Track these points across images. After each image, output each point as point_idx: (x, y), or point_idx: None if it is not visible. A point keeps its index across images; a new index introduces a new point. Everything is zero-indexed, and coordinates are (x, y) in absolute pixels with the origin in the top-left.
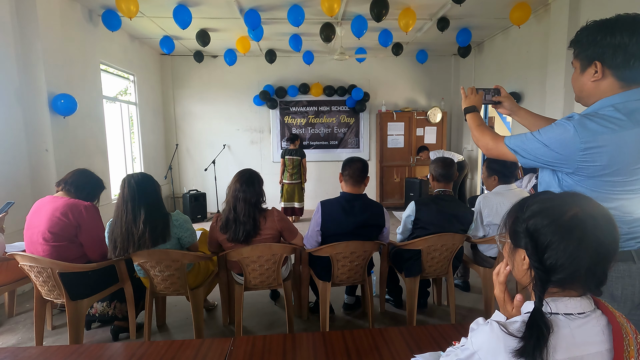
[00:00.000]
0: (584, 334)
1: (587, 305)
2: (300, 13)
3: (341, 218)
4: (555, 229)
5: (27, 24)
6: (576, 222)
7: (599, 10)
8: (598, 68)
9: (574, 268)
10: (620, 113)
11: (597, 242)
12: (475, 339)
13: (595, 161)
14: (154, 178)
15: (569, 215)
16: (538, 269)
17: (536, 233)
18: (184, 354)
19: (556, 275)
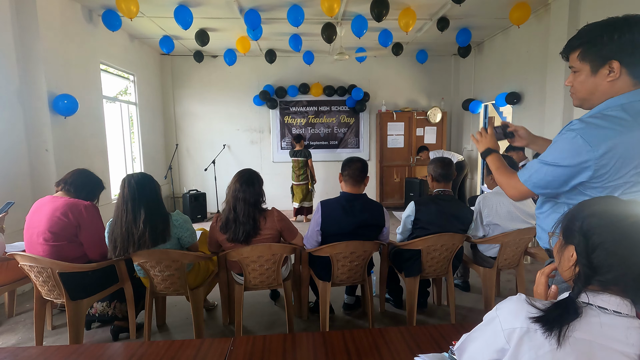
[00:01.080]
0: (613, 329)
1: (626, 308)
2: (300, 13)
3: (341, 218)
4: (612, 230)
5: (27, 24)
6: (634, 229)
7: (599, 10)
8: (615, 67)
9: (621, 272)
10: (627, 114)
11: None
12: (500, 306)
13: (609, 165)
14: (154, 178)
15: (630, 221)
16: (585, 265)
17: (590, 232)
18: (184, 354)
19: (601, 275)
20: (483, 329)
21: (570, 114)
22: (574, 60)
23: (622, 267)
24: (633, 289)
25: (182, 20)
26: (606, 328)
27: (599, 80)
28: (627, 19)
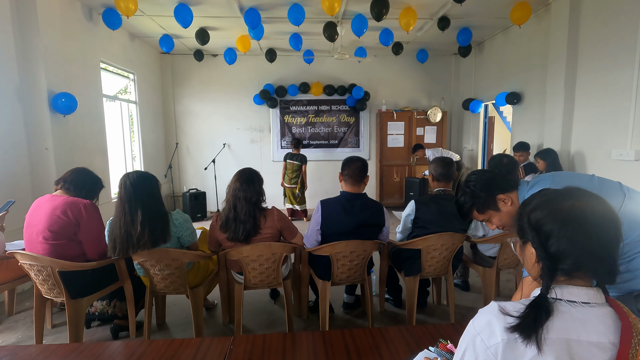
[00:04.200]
0: (585, 322)
1: (595, 296)
2: (301, 12)
3: (341, 217)
4: (554, 217)
5: (27, 22)
6: (574, 210)
7: (599, 10)
8: (502, 197)
9: (576, 254)
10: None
11: (596, 228)
12: (476, 323)
13: None
14: (153, 175)
15: (567, 205)
16: (544, 258)
17: (538, 224)
18: (183, 352)
19: (561, 263)
20: (471, 352)
21: (571, 114)
22: (479, 215)
23: (575, 248)
24: (593, 268)
25: (182, 18)
26: (578, 323)
27: (505, 210)
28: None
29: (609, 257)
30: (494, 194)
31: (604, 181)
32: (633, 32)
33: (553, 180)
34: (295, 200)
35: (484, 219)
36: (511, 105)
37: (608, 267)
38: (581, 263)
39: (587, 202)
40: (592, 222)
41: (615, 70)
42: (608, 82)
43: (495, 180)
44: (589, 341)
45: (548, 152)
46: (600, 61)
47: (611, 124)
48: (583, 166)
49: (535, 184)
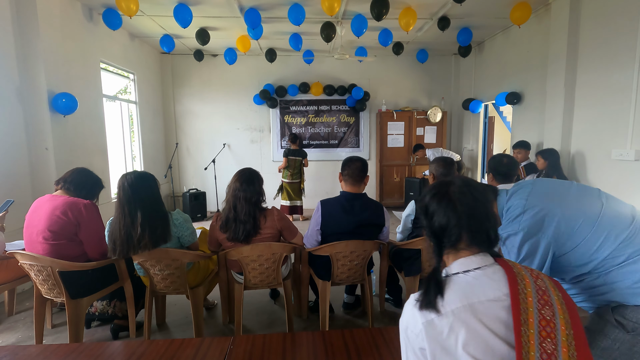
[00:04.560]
0: (481, 284)
1: (483, 260)
2: (301, 12)
3: (341, 217)
4: (433, 197)
5: (27, 22)
6: (449, 190)
7: (599, 10)
8: None
9: (452, 225)
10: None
11: (465, 205)
12: (403, 318)
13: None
14: (152, 174)
15: (445, 187)
16: (431, 236)
17: (425, 207)
18: (183, 352)
19: (445, 237)
20: (409, 347)
21: (571, 114)
22: None
23: (451, 221)
24: (470, 238)
25: (181, 19)
26: (474, 286)
27: None
28: None
29: (482, 229)
30: None
31: (583, 187)
32: (633, 32)
33: (533, 187)
34: (298, 196)
35: None
36: (511, 105)
37: (483, 238)
38: (460, 235)
39: (461, 186)
40: (462, 200)
41: (615, 70)
42: (608, 82)
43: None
44: (487, 299)
45: (551, 152)
46: (600, 61)
47: (611, 124)
48: (583, 166)
49: (515, 192)
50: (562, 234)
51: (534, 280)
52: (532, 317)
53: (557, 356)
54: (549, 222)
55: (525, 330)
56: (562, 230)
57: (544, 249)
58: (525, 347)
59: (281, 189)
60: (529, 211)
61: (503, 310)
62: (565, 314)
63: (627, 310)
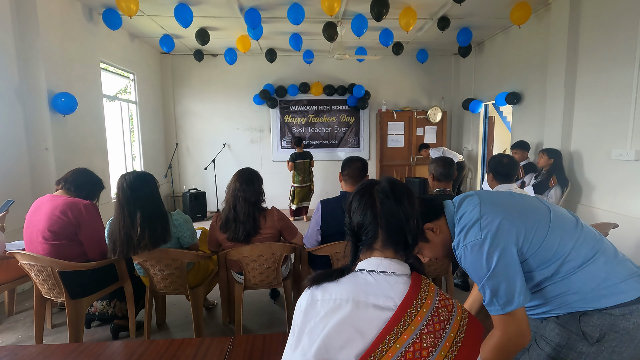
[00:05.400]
0: (377, 286)
1: (394, 267)
2: (301, 12)
3: (341, 217)
4: (356, 195)
5: (27, 22)
6: (373, 190)
7: (599, 10)
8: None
9: (369, 223)
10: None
11: (388, 205)
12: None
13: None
14: (151, 174)
15: (370, 187)
16: (350, 235)
17: (349, 205)
18: (183, 352)
19: (362, 235)
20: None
21: (571, 114)
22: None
23: (367, 220)
24: (388, 235)
25: (182, 19)
26: (370, 286)
27: (434, 239)
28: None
29: (399, 231)
30: (418, 228)
31: (522, 195)
32: (633, 32)
33: (479, 196)
34: (308, 198)
35: (417, 253)
36: (511, 105)
37: (399, 239)
38: (376, 233)
39: (385, 187)
40: (383, 200)
41: (615, 70)
42: (608, 82)
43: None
44: (373, 303)
45: (556, 152)
46: (600, 61)
47: (611, 124)
48: (583, 166)
49: (463, 200)
50: (522, 238)
51: (437, 307)
52: (407, 335)
53: None
54: (509, 226)
55: (392, 340)
56: (522, 234)
57: (513, 253)
58: (379, 354)
59: (294, 194)
60: (487, 216)
61: (381, 321)
62: (452, 354)
63: (594, 318)
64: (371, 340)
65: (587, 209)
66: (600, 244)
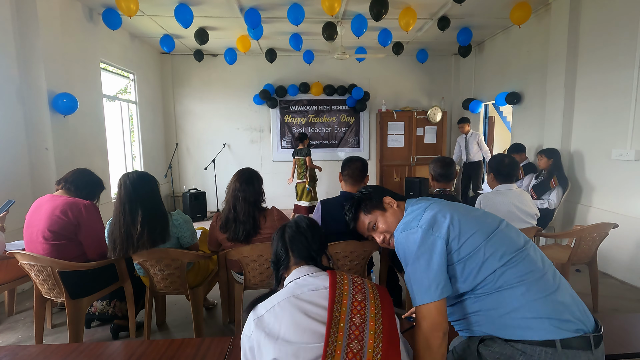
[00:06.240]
0: (306, 282)
1: (312, 270)
2: (301, 12)
3: (341, 217)
4: (275, 236)
5: (28, 22)
6: (283, 228)
7: (600, 10)
8: (388, 200)
9: (282, 251)
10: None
11: (292, 236)
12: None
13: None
14: (152, 175)
15: (282, 229)
16: (272, 267)
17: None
18: (183, 352)
19: (280, 265)
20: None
21: (571, 114)
22: (365, 219)
23: (279, 247)
24: (297, 254)
25: (182, 19)
26: (301, 285)
27: (391, 211)
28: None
29: (304, 250)
30: (382, 195)
31: (488, 212)
32: (633, 32)
33: (435, 199)
34: (305, 196)
35: (370, 223)
36: (511, 105)
37: (305, 255)
38: (288, 258)
39: (292, 226)
40: (290, 233)
41: (615, 70)
42: (608, 82)
43: (386, 190)
44: (309, 290)
45: (554, 152)
46: (600, 61)
47: (611, 124)
48: (583, 166)
49: (424, 199)
50: (454, 238)
51: (353, 292)
52: (346, 299)
53: (365, 332)
54: (441, 219)
55: (338, 308)
56: (455, 233)
57: (440, 248)
58: (336, 319)
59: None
60: (429, 211)
61: (321, 298)
62: (378, 314)
63: (495, 344)
64: (324, 316)
65: (587, 209)
66: (533, 275)
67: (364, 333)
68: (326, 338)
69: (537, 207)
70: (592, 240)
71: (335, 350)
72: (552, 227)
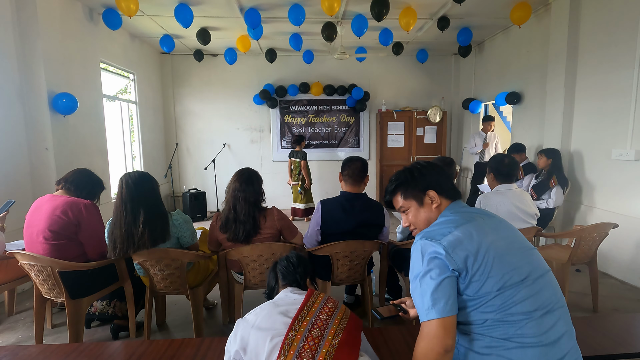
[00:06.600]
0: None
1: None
2: (301, 12)
3: (341, 217)
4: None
5: (28, 22)
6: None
7: (599, 10)
8: (433, 195)
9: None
10: (454, 216)
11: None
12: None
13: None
14: (152, 175)
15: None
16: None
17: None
18: (183, 352)
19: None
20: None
21: (571, 114)
22: (399, 202)
23: (271, 277)
24: (284, 278)
25: (182, 19)
26: (283, 298)
27: (427, 209)
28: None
29: (290, 275)
30: (428, 187)
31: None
32: (633, 32)
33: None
34: (300, 199)
35: (402, 207)
36: (511, 105)
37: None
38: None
39: (283, 260)
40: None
41: (615, 70)
42: (608, 82)
43: (440, 178)
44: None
45: (554, 152)
46: (600, 61)
47: (611, 124)
48: (583, 166)
49: (467, 208)
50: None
51: (320, 312)
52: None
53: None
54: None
55: (305, 314)
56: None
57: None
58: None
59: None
60: (461, 230)
61: (295, 304)
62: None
63: None
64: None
65: (588, 209)
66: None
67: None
68: (290, 325)
69: (537, 207)
70: (592, 240)
71: (296, 335)
72: (552, 227)
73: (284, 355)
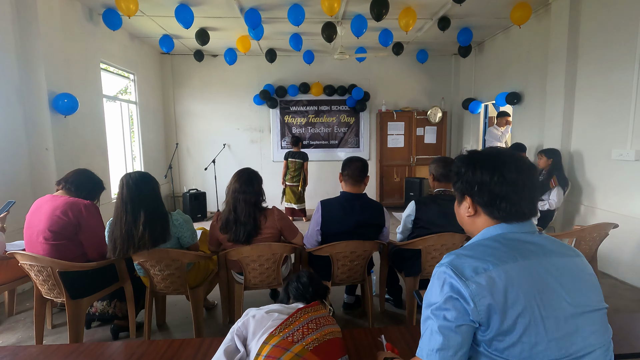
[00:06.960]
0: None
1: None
2: (301, 12)
3: (341, 217)
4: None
5: (28, 23)
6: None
7: (599, 10)
8: (469, 203)
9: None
10: (499, 243)
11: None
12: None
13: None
14: (153, 176)
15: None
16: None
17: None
18: (184, 353)
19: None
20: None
21: (571, 114)
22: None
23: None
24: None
25: (182, 19)
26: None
27: (462, 212)
28: (480, 155)
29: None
30: (469, 191)
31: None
32: (633, 32)
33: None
34: (296, 199)
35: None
36: (511, 105)
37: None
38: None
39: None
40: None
41: (615, 70)
42: (608, 82)
43: (490, 183)
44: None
45: (554, 152)
46: (600, 61)
47: (611, 124)
48: (583, 166)
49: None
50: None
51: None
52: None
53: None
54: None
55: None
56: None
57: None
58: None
59: (284, 191)
60: (498, 270)
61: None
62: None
63: None
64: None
65: (588, 209)
66: None
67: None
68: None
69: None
70: (592, 240)
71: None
72: (552, 227)
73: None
